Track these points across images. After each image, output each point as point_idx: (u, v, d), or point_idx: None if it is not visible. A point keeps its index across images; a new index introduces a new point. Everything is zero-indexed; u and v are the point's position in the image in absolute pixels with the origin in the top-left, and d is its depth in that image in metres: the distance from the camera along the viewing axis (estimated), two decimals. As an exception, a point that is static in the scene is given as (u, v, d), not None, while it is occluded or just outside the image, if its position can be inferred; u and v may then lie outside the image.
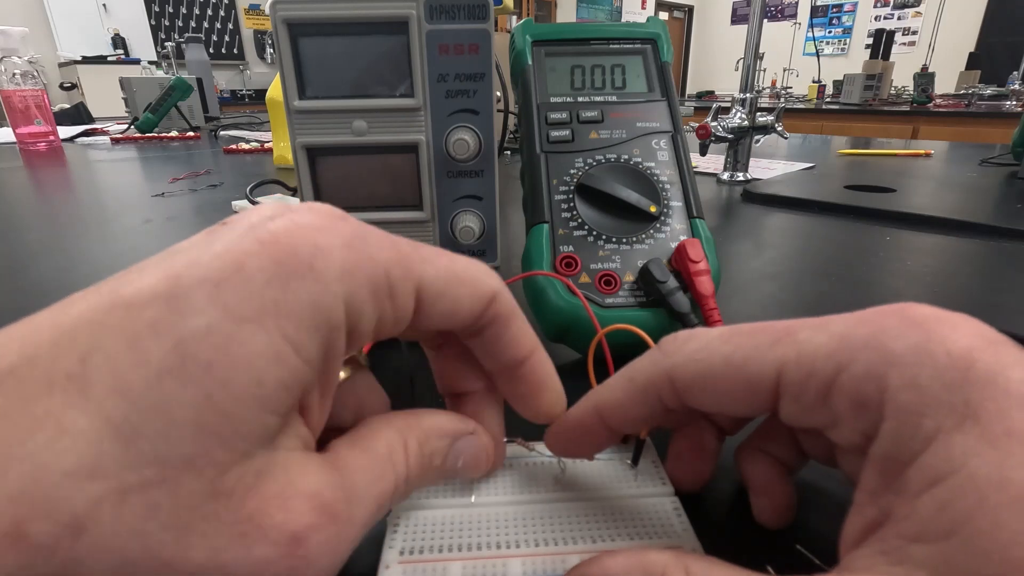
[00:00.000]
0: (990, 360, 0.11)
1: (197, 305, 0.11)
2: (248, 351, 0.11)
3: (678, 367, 0.16)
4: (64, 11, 3.66)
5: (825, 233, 0.53)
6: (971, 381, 0.11)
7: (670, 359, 0.16)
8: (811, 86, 3.62)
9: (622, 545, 0.16)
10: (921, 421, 0.11)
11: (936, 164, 0.88)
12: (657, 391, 0.16)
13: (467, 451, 0.17)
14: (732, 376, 0.15)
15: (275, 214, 0.13)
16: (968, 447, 0.11)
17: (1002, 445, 0.10)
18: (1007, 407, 0.11)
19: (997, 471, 0.10)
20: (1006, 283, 0.40)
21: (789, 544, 0.17)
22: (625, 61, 0.32)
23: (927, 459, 0.11)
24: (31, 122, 1.18)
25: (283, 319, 0.12)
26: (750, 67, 0.76)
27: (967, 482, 0.10)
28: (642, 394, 0.16)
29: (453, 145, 0.28)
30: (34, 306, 0.12)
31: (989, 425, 0.11)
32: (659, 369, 0.16)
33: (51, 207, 0.68)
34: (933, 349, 0.12)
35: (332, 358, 0.13)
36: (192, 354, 0.11)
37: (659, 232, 0.28)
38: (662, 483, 0.19)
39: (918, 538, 0.11)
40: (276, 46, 0.26)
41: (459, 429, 0.17)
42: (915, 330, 0.12)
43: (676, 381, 0.16)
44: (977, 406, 0.11)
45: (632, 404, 0.17)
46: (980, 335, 0.12)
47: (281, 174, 0.85)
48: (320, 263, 0.12)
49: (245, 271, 0.12)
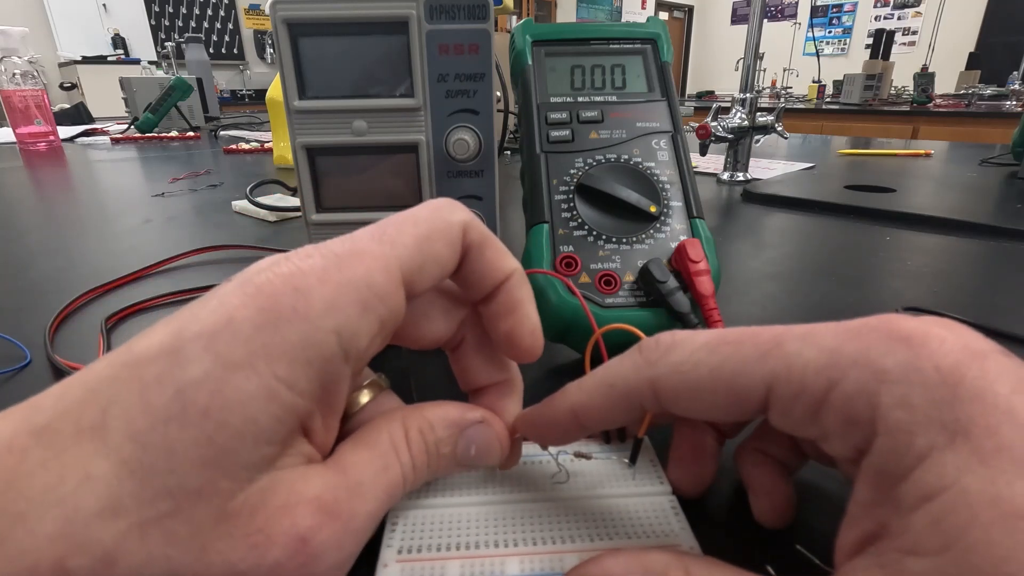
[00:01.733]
0: (978, 375, 0.12)
1: (194, 356, 0.13)
2: (241, 394, 0.13)
3: (662, 378, 0.15)
4: (64, 11, 3.66)
5: (825, 233, 0.53)
6: (960, 397, 0.11)
7: (653, 369, 0.16)
8: (811, 86, 3.62)
9: (620, 544, 0.16)
10: (913, 439, 0.12)
11: (936, 164, 0.88)
12: (639, 399, 0.16)
13: (478, 439, 0.17)
14: (719, 389, 0.15)
15: (262, 268, 0.14)
16: (960, 464, 0.11)
17: (993, 462, 0.11)
18: (996, 423, 0.11)
19: (989, 487, 0.10)
20: (1006, 283, 0.40)
21: (789, 544, 0.17)
22: (625, 61, 0.32)
23: (920, 475, 0.11)
24: (31, 122, 1.18)
25: (274, 361, 0.13)
26: (750, 67, 0.76)
27: (960, 499, 0.11)
28: (622, 401, 0.16)
29: (453, 145, 0.28)
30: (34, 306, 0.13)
31: (980, 442, 0.11)
32: (641, 378, 0.16)
33: (51, 207, 0.68)
34: (922, 366, 0.12)
35: (332, 383, 0.14)
36: (191, 400, 0.12)
37: (659, 232, 0.28)
38: (660, 482, 0.19)
39: (913, 552, 0.11)
40: (276, 46, 0.26)
41: (465, 418, 0.17)
42: (903, 346, 0.12)
43: (660, 392, 0.15)
44: (967, 423, 0.11)
45: (611, 410, 0.16)
46: (967, 348, 0.12)
47: (281, 174, 0.85)
48: (302, 304, 0.13)
49: (235, 322, 0.13)
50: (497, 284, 0.17)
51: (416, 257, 0.15)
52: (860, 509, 0.13)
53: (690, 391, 0.15)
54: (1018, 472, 0.10)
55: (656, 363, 0.16)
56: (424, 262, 0.16)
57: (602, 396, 0.17)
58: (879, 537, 0.12)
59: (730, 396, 0.14)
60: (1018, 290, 0.38)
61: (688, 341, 0.16)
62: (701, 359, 0.15)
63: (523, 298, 0.18)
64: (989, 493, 0.10)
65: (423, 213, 0.16)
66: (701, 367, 0.15)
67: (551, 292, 0.26)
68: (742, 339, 0.15)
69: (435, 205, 0.17)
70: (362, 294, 0.14)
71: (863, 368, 0.13)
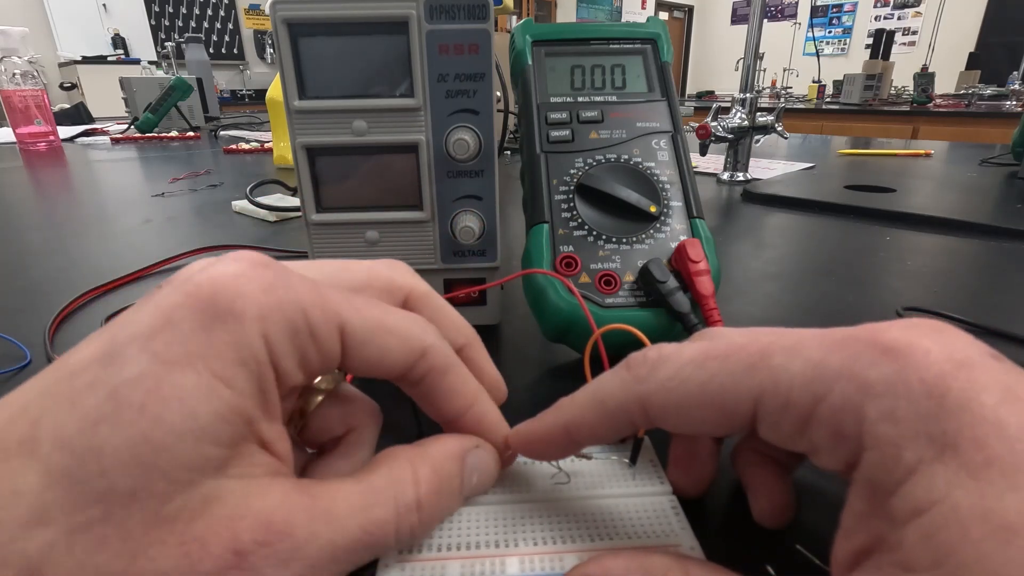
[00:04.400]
0: (964, 386, 0.12)
1: (129, 357, 0.12)
2: (179, 389, 0.12)
3: (651, 395, 0.15)
4: (64, 11, 3.66)
5: (825, 233, 0.53)
6: (947, 409, 0.11)
7: (642, 385, 0.15)
8: (811, 86, 3.62)
9: (620, 544, 0.16)
10: (901, 453, 0.11)
11: (936, 164, 0.88)
12: (629, 416, 0.16)
13: (480, 465, 0.17)
14: (708, 405, 0.14)
15: (202, 267, 0.14)
16: (949, 478, 0.11)
17: (983, 475, 0.11)
18: (984, 435, 0.11)
19: (979, 502, 0.10)
20: (1006, 283, 0.40)
21: (789, 544, 0.17)
22: (625, 61, 0.32)
23: (910, 489, 0.11)
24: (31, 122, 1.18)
25: (211, 359, 0.13)
26: (750, 67, 0.76)
27: (950, 513, 0.11)
28: (612, 418, 0.16)
29: (453, 145, 0.28)
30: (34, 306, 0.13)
31: (968, 455, 0.11)
32: (631, 395, 0.16)
33: (51, 207, 0.68)
34: (908, 378, 0.12)
35: (267, 391, 0.14)
36: (126, 399, 0.12)
37: (659, 232, 0.28)
38: (660, 482, 0.19)
39: (909, 568, 0.11)
40: (276, 46, 0.26)
41: (465, 447, 0.17)
42: (887, 358, 0.12)
43: (649, 408, 0.15)
44: (955, 435, 0.11)
45: (602, 426, 0.16)
46: (951, 359, 0.12)
47: (281, 174, 0.85)
48: (239, 306, 0.13)
49: (172, 321, 0.13)
50: (458, 411, 0.17)
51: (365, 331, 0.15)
52: (854, 520, 0.13)
53: (679, 408, 0.15)
54: (1008, 485, 0.10)
55: (645, 379, 0.16)
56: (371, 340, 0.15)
57: (594, 413, 0.17)
58: (875, 550, 0.12)
59: (719, 412, 0.14)
60: (1018, 290, 0.38)
61: (675, 357, 0.15)
62: (689, 375, 0.15)
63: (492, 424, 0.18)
64: (980, 507, 0.10)
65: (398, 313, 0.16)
66: (689, 383, 0.15)
67: (551, 292, 0.26)
68: (729, 353, 0.15)
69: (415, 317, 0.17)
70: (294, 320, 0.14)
71: (848, 382, 0.12)
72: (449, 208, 0.30)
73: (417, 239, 0.30)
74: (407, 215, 0.30)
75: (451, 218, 0.30)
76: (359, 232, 0.30)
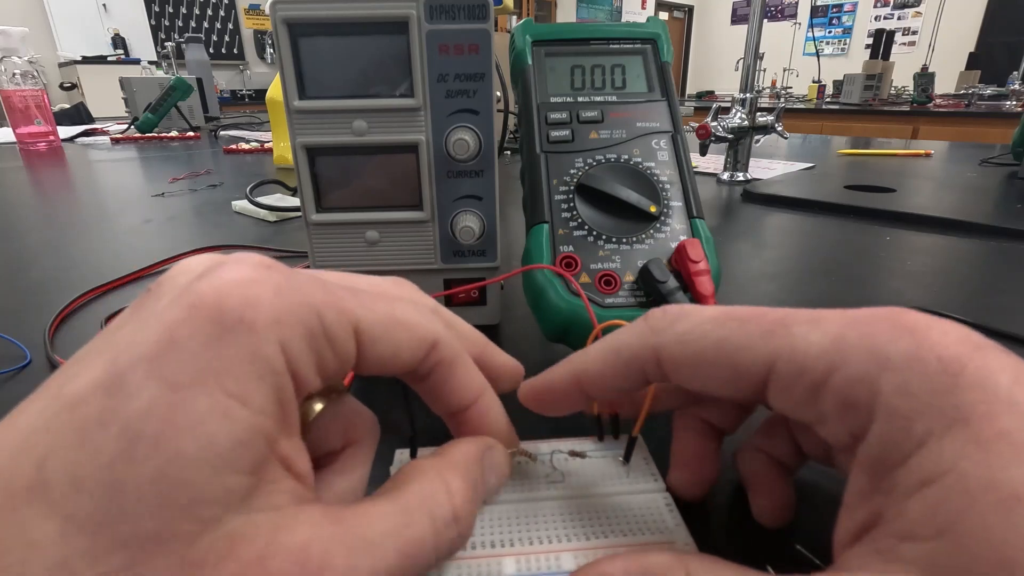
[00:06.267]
0: (979, 365, 0.12)
1: (136, 385, 0.11)
2: (192, 415, 0.11)
3: (667, 346, 0.15)
4: (64, 11, 3.66)
5: (825, 233, 0.53)
6: (961, 386, 0.11)
7: (658, 336, 0.16)
8: (811, 86, 3.62)
9: (615, 541, 0.16)
10: (912, 425, 0.12)
11: (936, 164, 0.88)
12: (642, 366, 0.16)
13: (494, 466, 0.17)
14: (722, 362, 0.15)
15: (202, 272, 0.13)
16: (958, 450, 0.11)
17: (992, 447, 0.11)
18: (996, 410, 0.11)
19: (987, 472, 0.10)
20: (1006, 283, 0.40)
21: (789, 544, 0.17)
22: (625, 61, 0.32)
23: (918, 461, 0.11)
24: (31, 122, 1.18)
25: (223, 376, 0.12)
26: (750, 67, 0.76)
27: (957, 483, 0.11)
28: (625, 367, 0.16)
29: (453, 145, 0.28)
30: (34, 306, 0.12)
31: (979, 428, 0.11)
32: (646, 345, 0.16)
33: (51, 207, 0.68)
34: (924, 355, 0.12)
35: (286, 403, 0.13)
36: (138, 433, 0.11)
37: (659, 232, 0.28)
38: (654, 479, 0.19)
39: (909, 537, 0.11)
40: (276, 46, 0.26)
41: (481, 449, 0.17)
42: (907, 336, 0.12)
43: (664, 360, 0.15)
44: (967, 410, 0.11)
45: (614, 376, 0.17)
46: (969, 341, 0.12)
47: (281, 174, 0.85)
48: (250, 315, 0.12)
49: (178, 340, 0.12)
50: (465, 404, 0.17)
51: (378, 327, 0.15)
52: (856, 498, 0.13)
53: (693, 361, 0.15)
54: (1016, 457, 0.10)
55: (662, 332, 0.16)
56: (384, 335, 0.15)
57: (606, 362, 0.17)
58: (875, 525, 0.12)
59: (731, 370, 0.15)
60: (1018, 290, 0.38)
61: (695, 313, 0.16)
62: (707, 331, 0.15)
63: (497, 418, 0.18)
64: (986, 478, 0.10)
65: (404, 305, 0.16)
66: (706, 339, 0.15)
67: (551, 291, 0.26)
68: (749, 316, 0.15)
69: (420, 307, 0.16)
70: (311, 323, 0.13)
71: (866, 354, 0.13)
72: (449, 208, 0.30)
73: (417, 239, 0.30)
74: (407, 215, 0.30)
75: (451, 218, 0.30)
76: (359, 232, 0.30)
